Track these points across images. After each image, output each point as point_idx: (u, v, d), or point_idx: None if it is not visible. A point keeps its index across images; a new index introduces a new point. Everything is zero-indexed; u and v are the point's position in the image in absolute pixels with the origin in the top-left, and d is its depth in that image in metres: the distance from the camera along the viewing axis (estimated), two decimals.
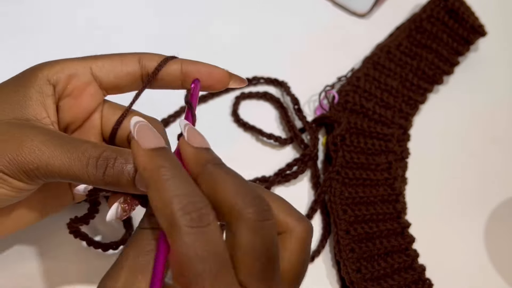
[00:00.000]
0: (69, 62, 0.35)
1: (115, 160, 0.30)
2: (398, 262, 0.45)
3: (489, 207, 0.51)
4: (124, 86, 0.36)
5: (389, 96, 0.53)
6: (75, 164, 0.30)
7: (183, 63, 0.35)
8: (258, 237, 0.26)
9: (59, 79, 0.34)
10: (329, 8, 0.60)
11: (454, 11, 0.55)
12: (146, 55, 0.35)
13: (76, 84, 0.34)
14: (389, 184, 0.49)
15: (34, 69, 0.34)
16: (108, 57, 0.35)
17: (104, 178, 0.30)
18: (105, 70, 0.35)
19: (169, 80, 0.35)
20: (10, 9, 0.55)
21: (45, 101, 0.33)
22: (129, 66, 0.35)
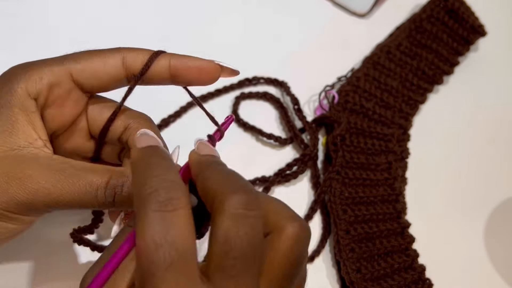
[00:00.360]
0: (47, 68, 0.32)
1: (122, 187, 0.30)
2: (398, 262, 0.45)
3: (489, 207, 0.51)
4: (107, 87, 0.34)
5: (389, 96, 0.53)
6: (84, 197, 0.30)
7: (171, 58, 0.33)
8: (236, 227, 0.24)
9: (40, 91, 0.32)
10: (329, 8, 0.60)
11: (454, 11, 0.55)
12: (130, 53, 0.33)
13: (58, 93, 0.33)
14: (389, 184, 0.49)
15: (11, 81, 0.31)
16: (88, 58, 0.33)
17: (115, 204, 0.31)
18: (86, 75, 0.33)
19: (157, 78, 0.34)
20: (10, 9, 0.55)
21: (32, 120, 0.32)
22: (112, 68, 0.33)
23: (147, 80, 0.34)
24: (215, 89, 0.52)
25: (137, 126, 0.34)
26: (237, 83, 0.53)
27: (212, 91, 0.52)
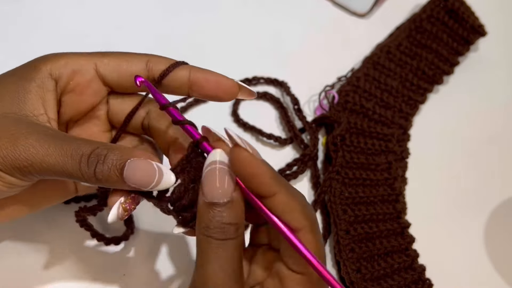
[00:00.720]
0: (74, 57, 0.34)
1: (105, 156, 0.30)
2: (398, 262, 0.45)
3: (489, 207, 0.51)
4: (127, 87, 0.35)
5: (389, 96, 0.53)
6: (68, 161, 0.30)
7: (191, 70, 0.35)
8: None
9: (62, 74, 0.34)
10: (329, 8, 0.60)
11: (454, 11, 0.55)
12: (154, 58, 0.35)
13: (79, 81, 0.34)
14: (389, 184, 0.49)
15: (38, 62, 0.34)
16: (115, 55, 0.35)
17: (96, 175, 0.30)
18: (110, 68, 0.34)
19: (175, 86, 0.35)
20: (10, 8, 0.55)
21: (45, 96, 0.33)
22: (135, 67, 0.34)
23: (165, 87, 0.35)
24: None
25: (157, 109, 0.35)
26: None
27: None
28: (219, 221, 0.29)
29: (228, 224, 0.29)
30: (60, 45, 0.53)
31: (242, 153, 0.29)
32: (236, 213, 0.29)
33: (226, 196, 0.29)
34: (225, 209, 0.29)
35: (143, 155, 0.31)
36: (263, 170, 0.29)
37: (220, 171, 0.29)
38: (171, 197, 0.32)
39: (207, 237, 0.29)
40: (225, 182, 0.29)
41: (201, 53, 0.55)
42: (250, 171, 0.29)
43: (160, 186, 0.31)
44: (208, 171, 0.29)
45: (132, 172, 0.30)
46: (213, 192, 0.29)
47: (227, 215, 0.29)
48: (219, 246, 0.29)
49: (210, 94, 0.35)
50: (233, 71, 0.53)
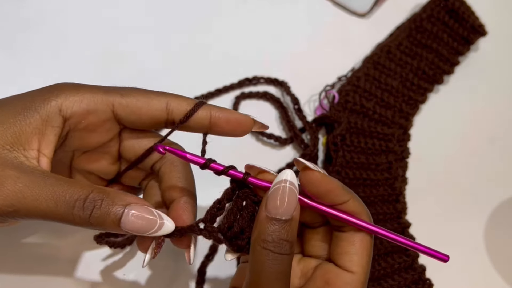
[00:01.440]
0: (90, 93, 0.33)
1: (102, 201, 0.30)
2: (398, 262, 0.45)
3: (489, 207, 0.51)
4: (145, 126, 0.35)
5: (389, 96, 0.53)
6: (61, 207, 0.29)
7: (212, 111, 0.34)
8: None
9: (74, 113, 0.32)
10: (329, 8, 0.60)
11: (455, 11, 0.55)
12: (174, 99, 0.34)
13: (93, 121, 0.33)
14: (389, 184, 0.49)
15: (49, 93, 0.32)
16: (133, 96, 0.33)
17: (90, 220, 0.30)
18: (128, 111, 0.33)
19: (196, 127, 0.35)
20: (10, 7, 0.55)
21: (45, 131, 0.31)
22: (155, 110, 0.34)
23: (185, 127, 0.35)
24: (215, 89, 0.52)
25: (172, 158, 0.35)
26: (237, 82, 0.53)
27: (212, 91, 0.52)
28: (278, 236, 0.30)
29: (286, 241, 0.30)
30: (60, 44, 0.53)
31: (315, 174, 0.32)
32: (293, 232, 0.31)
33: (288, 214, 0.30)
34: (285, 226, 0.30)
35: (139, 201, 0.31)
36: (335, 185, 0.32)
37: (287, 190, 0.31)
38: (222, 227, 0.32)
39: (265, 249, 0.30)
40: (290, 201, 0.30)
41: (202, 53, 0.55)
42: (325, 188, 0.32)
43: (158, 233, 0.31)
44: (275, 188, 0.31)
45: (132, 219, 0.30)
46: (277, 209, 0.30)
47: (285, 232, 0.30)
48: (276, 259, 0.30)
49: (230, 132, 0.35)
50: (233, 71, 0.53)
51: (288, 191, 0.31)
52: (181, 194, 0.35)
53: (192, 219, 0.34)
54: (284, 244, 0.30)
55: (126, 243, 0.42)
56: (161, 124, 0.35)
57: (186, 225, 0.33)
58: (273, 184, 0.31)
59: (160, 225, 0.31)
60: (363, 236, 0.33)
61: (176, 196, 0.35)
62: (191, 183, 0.36)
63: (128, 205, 0.30)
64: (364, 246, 0.33)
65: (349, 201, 0.33)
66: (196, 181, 0.36)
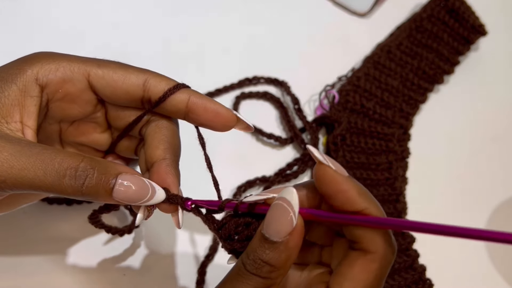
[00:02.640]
0: (66, 62, 0.32)
1: (94, 171, 0.29)
2: (398, 262, 0.45)
3: (490, 207, 0.50)
4: (120, 102, 0.34)
5: (389, 95, 0.53)
6: (50, 175, 0.28)
7: (191, 95, 0.33)
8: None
9: (50, 81, 0.31)
10: (329, 8, 0.60)
11: (455, 11, 0.55)
12: (153, 77, 0.33)
13: (70, 90, 0.32)
14: (389, 184, 0.49)
15: (24, 63, 0.31)
16: (111, 67, 0.32)
17: (82, 190, 0.29)
18: (103, 82, 0.32)
19: (172, 110, 0.33)
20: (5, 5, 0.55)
21: (25, 102, 0.30)
22: (131, 86, 0.32)
23: (162, 109, 0.33)
24: (215, 89, 0.52)
25: (158, 119, 0.34)
26: (237, 82, 0.53)
27: (213, 90, 0.52)
28: (258, 255, 0.28)
29: (264, 262, 0.28)
30: (57, 43, 0.53)
31: (327, 171, 0.28)
32: (279, 257, 0.28)
33: (279, 236, 0.27)
34: (271, 248, 0.28)
35: (129, 171, 0.30)
36: (349, 186, 0.27)
37: (282, 210, 0.27)
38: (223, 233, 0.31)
39: (242, 263, 0.28)
40: (283, 223, 0.27)
41: (202, 53, 0.55)
42: (335, 188, 0.27)
43: (150, 202, 0.30)
44: (273, 205, 0.28)
45: (124, 188, 0.29)
46: (269, 227, 0.28)
47: (269, 253, 0.28)
48: (245, 276, 0.28)
49: (206, 123, 0.33)
50: (233, 71, 0.53)
51: (281, 210, 0.27)
52: (163, 155, 0.32)
53: (176, 183, 0.32)
54: (262, 265, 0.27)
55: (124, 230, 0.41)
56: (137, 102, 0.33)
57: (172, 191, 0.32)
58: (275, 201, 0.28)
59: (152, 195, 0.30)
60: (369, 262, 0.28)
61: (157, 157, 0.32)
62: (175, 146, 0.33)
63: (120, 175, 0.29)
64: (364, 274, 0.27)
65: (368, 210, 0.27)
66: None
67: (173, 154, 0.33)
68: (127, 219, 0.45)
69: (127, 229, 0.42)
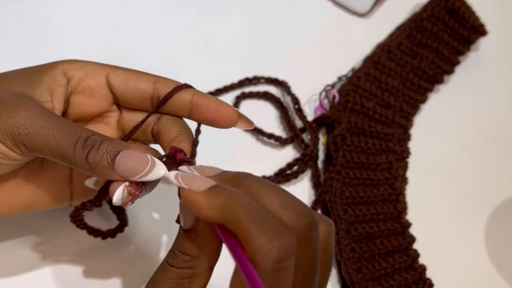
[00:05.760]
0: (89, 63, 0.37)
1: (101, 143, 0.31)
2: (398, 262, 0.45)
3: (490, 207, 0.50)
4: (132, 101, 0.37)
5: (389, 95, 0.53)
6: (65, 140, 0.31)
7: (195, 94, 0.36)
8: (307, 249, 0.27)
9: (75, 75, 0.36)
10: (329, 8, 0.60)
11: (455, 11, 0.55)
12: (162, 79, 0.37)
13: (90, 83, 0.36)
14: (389, 184, 0.49)
15: (56, 61, 0.36)
16: (127, 70, 0.37)
17: (87, 158, 0.31)
18: (119, 80, 0.36)
19: (177, 107, 0.36)
20: (10, 7, 0.55)
21: (55, 88, 0.35)
22: (143, 84, 0.36)
23: (168, 107, 0.36)
24: (215, 89, 0.52)
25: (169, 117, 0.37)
26: (238, 82, 0.53)
27: (213, 90, 0.52)
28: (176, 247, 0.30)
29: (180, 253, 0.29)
30: (59, 44, 0.53)
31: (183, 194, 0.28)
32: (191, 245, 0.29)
33: (184, 223, 0.30)
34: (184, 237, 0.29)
35: (138, 148, 0.33)
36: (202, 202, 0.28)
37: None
38: None
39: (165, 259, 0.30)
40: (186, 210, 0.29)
41: (202, 53, 0.55)
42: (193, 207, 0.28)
43: (150, 176, 0.31)
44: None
45: (124, 160, 0.31)
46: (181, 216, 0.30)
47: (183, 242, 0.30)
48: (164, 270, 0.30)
49: (209, 119, 0.36)
50: (233, 71, 0.53)
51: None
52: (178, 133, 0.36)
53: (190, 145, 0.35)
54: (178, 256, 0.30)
55: (108, 233, 0.41)
56: (147, 102, 0.37)
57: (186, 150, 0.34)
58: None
59: (150, 167, 0.31)
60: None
61: (173, 137, 0.36)
62: (189, 131, 0.36)
63: (123, 150, 0.31)
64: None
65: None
66: None
67: (189, 133, 0.36)
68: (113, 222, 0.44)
69: (111, 232, 0.42)
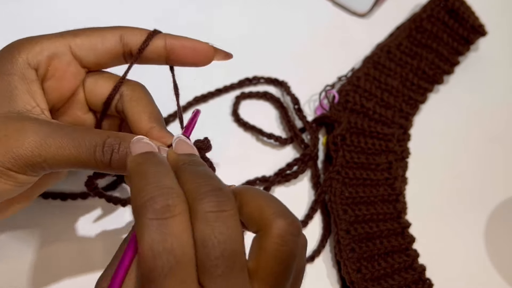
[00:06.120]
0: (48, 41, 0.33)
1: (119, 145, 0.31)
2: (398, 262, 0.45)
3: (489, 207, 0.50)
4: (105, 64, 0.35)
5: (389, 96, 0.53)
6: (83, 152, 0.30)
7: (167, 38, 0.35)
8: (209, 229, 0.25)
9: (40, 62, 0.33)
10: (329, 8, 0.60)
11: (454, 11, 0.55)
12: (128, 31, 0.34)
13: (57, 66, 0.34)
14: (389, 184, 0.49)
15: (12, 51, 0.33)
16: (87, 34, 0.34)
17: (111, 164, 0.31)
18: (84, 49, 0.34)
19: (153, 57, 0.35)
20: (10, 7, 0.55)
21: (31, 88, 0.33)
22: (110, 44, 0.34)
23: (143, 59, 0.35)
24: (215, 89, 0.52)
25: (130, 93, 0.35)
26: (237, 82, 0.53)
27: (213, 90, 0.52)
28: None
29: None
30: None
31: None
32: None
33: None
34: None
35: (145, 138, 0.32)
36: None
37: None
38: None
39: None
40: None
41: None
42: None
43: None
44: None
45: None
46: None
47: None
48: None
49: (188, 60, 0.35)
50: (233, 71, 0.53)
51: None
52: (149, 124, 0.34)
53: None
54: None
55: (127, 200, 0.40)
56: (120, 59, 0.35)
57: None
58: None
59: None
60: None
61: (144, 128, 0.34)
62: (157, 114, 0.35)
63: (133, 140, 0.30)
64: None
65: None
66: None
67: (159, 120, 0.34)
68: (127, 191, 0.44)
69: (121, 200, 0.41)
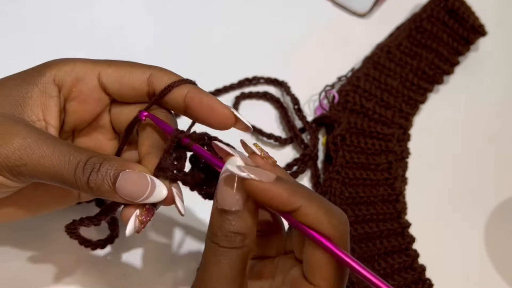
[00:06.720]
0: (80, 64, 0.34)
1: (100, 165, 0.30)
2: (398, 262, 0.45)
3: (489, 207, 0.50)
4: (129, 97, 0.35)
5: (389, 96, 0.53)
6: (65, 166, 0.30)
7: (189, 90, 0.33)
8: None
9: (65, 81, 0.34)
10: (329, 8, 0.60)
11: (454, 11, 0.55)
12: (157, 72, 0.34)
13: (82, 89, 0.34)
14: (389, 184, 0.49)
15: (43, 66, 0.34)
16: (119, 66, 0.34)
17: (88, 183, 0.30)
18: (112, 79, 0.34)
19: (173, 104, 0.34)
20: (10, 7, 0.55)
21: (47, 102, 0.33)
22: (137, 81, 0.34)
23: (164, 103, 0.34)
24: (215, 89, 0.52)
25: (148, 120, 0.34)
26: (237, 83, 0.53)
27: (213, 90, 0.52)
28: (227, 229, 0.29)
29: (235, 233, 0.29)
30: (61, 44, 0.53)
31: (253, 185, 0.28)
32: (246, 223, 0.29)
33: (237, 205, 0.29)
34: (235, 218, 0.29)
35: (137, 167, 0.31)
36: (279, 191, 0.28)
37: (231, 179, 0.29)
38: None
39: (213, 243, 0.29)
40: (237, 191, 0.29)
41: (202, 53, 0.55)
42: (266, 196, 0.28)
43: (151, 199, 0.31)
44: (222, 177, 0.29)
45: (124, 183, 0.30)
46: (224, 199, 0.29)
47: (235, 223, 0.29)
48: (223, 254, 0.29)
49: (204, 118, 0.33)
50: (233, 71, 0.53)
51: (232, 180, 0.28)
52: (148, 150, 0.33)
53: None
54: (234, 237, 0.28)
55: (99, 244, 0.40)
56: (143, 97, 0.34)
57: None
58: (221, 174, 0.29)
59: (151, 191, 0.30)
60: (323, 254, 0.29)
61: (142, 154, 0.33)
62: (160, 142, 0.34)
63: (124, 171, 0.30)
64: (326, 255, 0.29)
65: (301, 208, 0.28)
66: None
67: (158, 147, 0.33)
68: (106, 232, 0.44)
69: (102, 243, 0.40)
